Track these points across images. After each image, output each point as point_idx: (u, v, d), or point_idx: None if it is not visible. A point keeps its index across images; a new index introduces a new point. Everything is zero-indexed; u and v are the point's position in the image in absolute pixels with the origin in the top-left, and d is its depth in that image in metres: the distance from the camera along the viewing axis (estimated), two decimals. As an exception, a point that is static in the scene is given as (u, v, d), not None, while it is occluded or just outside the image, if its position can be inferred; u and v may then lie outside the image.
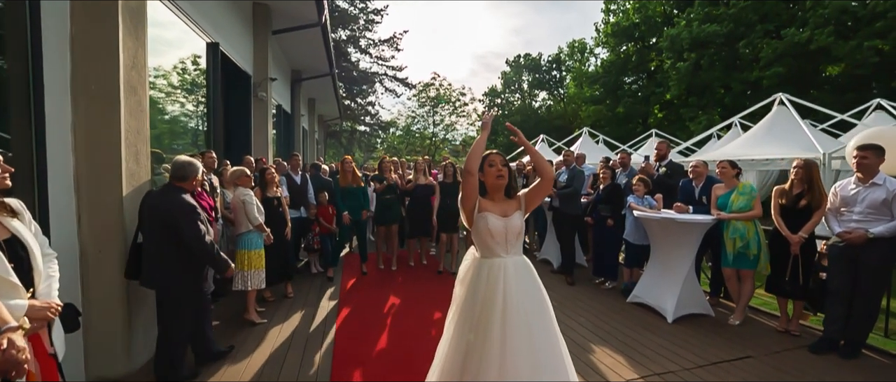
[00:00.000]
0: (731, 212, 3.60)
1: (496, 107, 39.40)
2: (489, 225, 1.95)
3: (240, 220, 3.68)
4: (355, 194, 5.26)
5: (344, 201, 5.18)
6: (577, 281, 5.04)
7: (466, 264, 2.12)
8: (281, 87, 9.26)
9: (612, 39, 25.59)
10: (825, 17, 15.12)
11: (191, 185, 2.62)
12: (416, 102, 34.75)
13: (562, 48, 36.70)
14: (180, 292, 2.56)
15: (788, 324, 3.50)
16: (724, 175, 3.73)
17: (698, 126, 18.71)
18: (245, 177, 3.80)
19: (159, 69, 3.95)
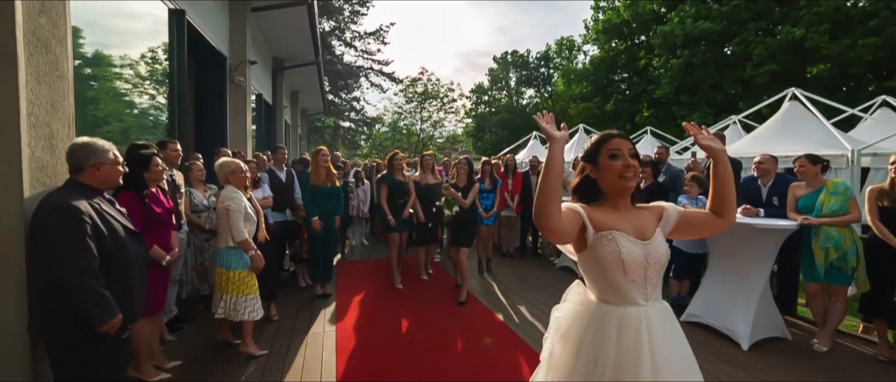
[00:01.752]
0: (821, 216, 2.98)
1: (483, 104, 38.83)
2: (622, 251, 1.20)
3: (222, 231, 2.82)
4: (329, 195, 4.38)
5: (314, 203, 4.30)
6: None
7: (570, 310, 1.39)
8: (262, 75, 8.30)
9: (602, 36, 25.31)
10: (819, 15, 15.06)
11: (97, 179, 1.78)
12: (403, 98, 33.77)
13: (550, 45, 36.40)
14: (72, 345, 1.67)
15: (892, 353, 2.92)
16: (804, 172, 3.11)
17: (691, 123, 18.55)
18: (238, 174, 2.90)
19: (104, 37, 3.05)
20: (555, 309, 1.50)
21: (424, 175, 4.93)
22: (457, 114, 36.87)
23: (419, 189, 4.83)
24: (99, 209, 1.70)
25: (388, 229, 4.65)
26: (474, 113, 38.58)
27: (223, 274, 2.77)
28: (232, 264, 2.77)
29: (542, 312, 3.93)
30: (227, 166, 2.91)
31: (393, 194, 4.56)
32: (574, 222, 1.22)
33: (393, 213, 4.58)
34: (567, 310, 1.40)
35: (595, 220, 1.25)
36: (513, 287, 4.70)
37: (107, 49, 3.15)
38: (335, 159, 6.79)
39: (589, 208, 1.29)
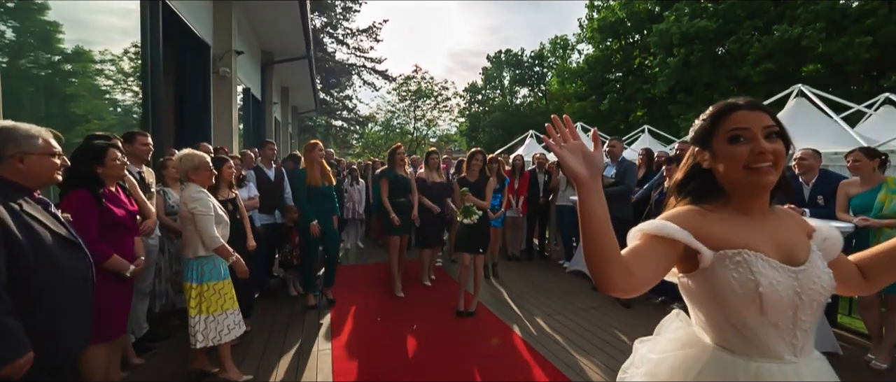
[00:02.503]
0: (882, 216, 2.66)
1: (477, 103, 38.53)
2: (760, 281, 0.82)
3: (188, 239, 2.36)
4: (326, 195, 3.95)
5: (310, 204, 3.83)
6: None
7: (673, 354, 1.00)
8: (250, 69, 7.83)
9: (597, 35, 25.15)
10: (816, 14, 15.01)
11: (20, 173, 1.36)
12: (396, 96, 33.29)
13: (544, 44, 36.25)
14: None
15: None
16: (859, 168, 2.79)
17: (687, 123, 18.44)
18: (202, 170, 2.39)
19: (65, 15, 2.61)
20: (641, 343, 1.12)
21: (429, 173, 4.55)
22: (451, 112, 36.50)
23: (425, 187, 4.45)
24: (18, 211, 1.27)
25: (389, 231, 4.24)
26: (468, 112, 38.26)
27: (194, 289, 2.33)
28: (205, 275, 2.33)
29: (561, 323, 3.57)
30: (189, 160, 2.34)
31: (394, 191, 4.16)
32: (665, 258, 0.87)
33: (393, 212, 4.19)
34: (666, 352, 1.01)
35: (710, 234, 0.87)
36: (524, 294, 4.33)
37: (69, 31, 2.70)
38: (328, 156, 6.36)
39: (699, 213, 0.91)
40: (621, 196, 4.10)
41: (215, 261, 2.36)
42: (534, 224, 6.08)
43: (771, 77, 16.68)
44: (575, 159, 0.86)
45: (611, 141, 4.32)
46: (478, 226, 3.55)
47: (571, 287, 4.57)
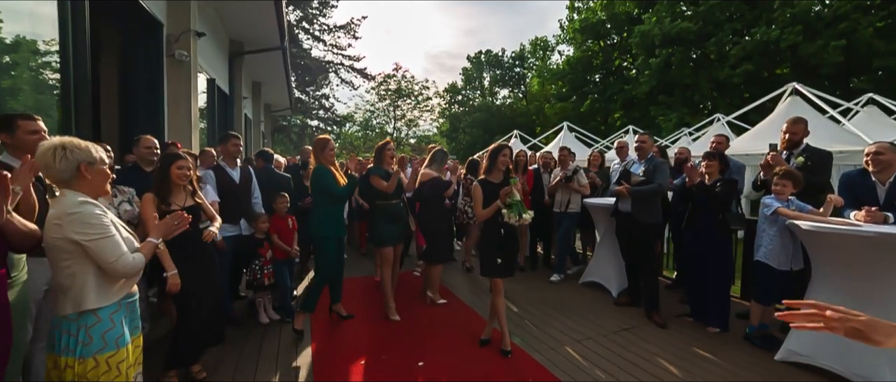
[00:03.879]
0: None
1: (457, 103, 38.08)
2: None
3: (65, 282, 1.41)
4: (343, 198, 3.38)
5: (326, 215, 3.23)
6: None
7: None
8: (216, 58, 6.93)
9: (578, 36, 25.15)
10: (794, 17, 15.30)
11: None
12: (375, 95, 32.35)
13: (524, 45, 36.22)
14: None
15: None
16: None
17: (668, 123, 18.55)
18: (95, 171, 1.47)
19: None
20: None
21: (440, 171, 3.94)
22: (432, 112, 35.86)
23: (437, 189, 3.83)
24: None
25: (381, 241, 3.54)
26: (448, 113, 37.73)
27: (70, 368, 1.38)
28: (92, 344, 1.40)
29: (594, 352, 2.98)
30: (76, 153, 1.42)
31: (383, 192, 3.46)
32: None
33: (383, 220, 3.50)
34: None
35: None
36: (541, 315, 3.73)
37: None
38: (305, 155, 5.58)
39: None
40: (653, 196, 3.58)
41: (113, 319, 1.47)
42: (539, 229, 5.51)
43: (749, 79, 16.94)
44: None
45: (641, 136, 3.79)
46: (511, 243, 2.90)
47: (592, 303, 4.01)
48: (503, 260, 2.85)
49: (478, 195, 2.88)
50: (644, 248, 3.62)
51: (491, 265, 2.89)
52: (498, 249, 2.86)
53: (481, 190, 2.88)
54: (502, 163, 2.87)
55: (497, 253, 2.85)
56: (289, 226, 3.70)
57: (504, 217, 2.69)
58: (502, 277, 2.91)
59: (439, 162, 3.97)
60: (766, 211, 2.89)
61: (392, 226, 3.53)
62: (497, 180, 2.92)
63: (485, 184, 2.90)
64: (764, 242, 2.95)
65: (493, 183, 2.90)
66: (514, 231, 2.86)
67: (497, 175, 2.94)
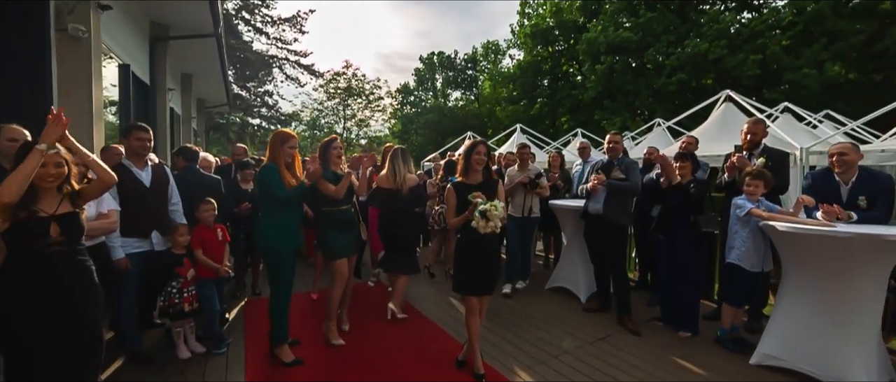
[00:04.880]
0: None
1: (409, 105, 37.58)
2: None
3: None
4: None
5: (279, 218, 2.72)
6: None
7: None
8: (131, 40, 5.92)
9: (529, 40, 25.82)
10: (719, 32, 16.76)
11: None
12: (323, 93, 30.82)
13: (477, 48, 36.64)
14: None
15: None
16: None
17: (613, 127, 19.56)
18: None
19: None
20: None
21: (394, 175, 3.53)
22: (383, 113, 34.99)
23: (389, 195, 3.41)
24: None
25: (332, 253, 3.04)
26: (400, 113, 37.10)
27: None
28: None
29: (572, 366, 2.75)
30: None
31: (331, 198, 2.95)
32: None
33: (332, 228, 3.01)
34: None
35: None
36: (513, 327, 3.44)
37: None
38: (238, 154, 4.85)
39: None
40: (629, 192, 3.45)
41: None
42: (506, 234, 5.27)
43: (682, 87, 18.32)
44: None
45: (612, 135, 3.65)
46: (492, 252, 2.53)
47: (562, 312, 3.80)
48: (481, 276, 2.51)
49: (451, 200, 2.52)
50: (616, 251, 3.48)
51: (465, 281, 2.54)
52: (474, 263, 2.50)
53: (455, 194, 2.52)
54: (477, 162, 2.52)
55: (473, 267, 2.51)
56: (217, 238, 3.08)
57: (473, 224, 2.32)
58: (479, 295, 2.57)
59: (405, 162, 3.58)
60: (739, 212, 2.83)
61: (343, 235, 3.04)
62: (474, 182, 2.57)
63: (460, 187, 2.54)
64: (736, 244, 2.90)
65: (470, 185, 2.55)
66: (495, 242, 2.51)
67: (474, 176, 2.58)
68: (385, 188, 3.59)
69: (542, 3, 26.78)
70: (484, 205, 2.29)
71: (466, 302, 2.60)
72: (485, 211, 2.28)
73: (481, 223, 2.29)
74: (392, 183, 3.54)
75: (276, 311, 2.75)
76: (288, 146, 2.70)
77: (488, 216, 2.28)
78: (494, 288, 2.62)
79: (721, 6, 20.22)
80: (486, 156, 2.53)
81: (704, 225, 2.98)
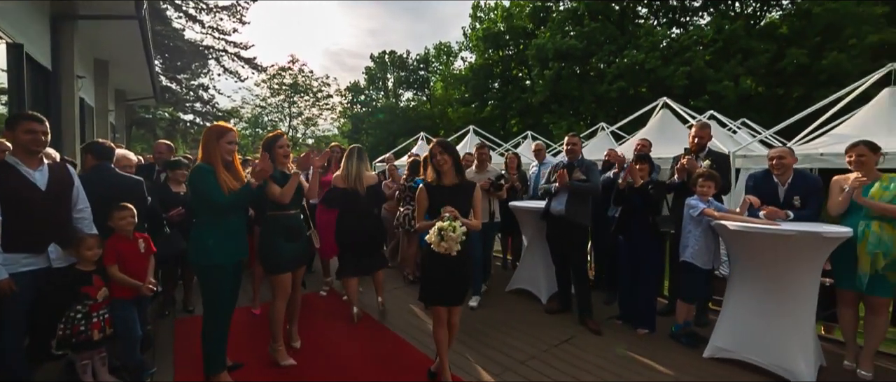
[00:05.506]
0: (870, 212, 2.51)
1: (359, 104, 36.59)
2: None
3: None
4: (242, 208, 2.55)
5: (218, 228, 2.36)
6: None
7: None
8: (24, 16, 5.00)
9: (481, 43, 26.25)
10: (653, 44, 18.17)
11: None
12: (267, 89, 28.91)
13: (429, 49, 36.59)
14: None
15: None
16: (864, 162, 2.62)
17: (560, 130, 20.45)
18: None
19: None
20: None
21: (348, 174, 3.28)
22: (332, 111, 33.66)
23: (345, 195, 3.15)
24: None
25: (275, 266, 2.67)
26: (350, 112, 35.99)
27: None
28: None
29: (540, 371, 2.68)
30: None
31: (277, 201, 2.61)
32: None
33: (278, 236, 2.68)
34: None
35: None
36: (477, 333, 3.32)
37: None
38: (161, 151, 4.22)
39: None
40: (591, 193, 3.47)
41: None
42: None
43: (621, 94, 19.62)
44: None
45: (571, 137, 3.67)
46: (460, 261, 2.30)
47: (525, 315, 3.74)
48: (448, 286, 2.33)
49: (422, 202, 2.33)
50: (578, 251, 3.50)
51: (431, 291, 2.36)
52: (440, 272, 2.32)
53: (427, 195, 2.32)
54: (445, 162, 2.34)
55: (439, 276, 2.33)
56: (139, 250, 2.61)
57: (426, 237, 2.12)
58: (446, 305, 2.39)
59: (361, 161, 3.37)
60: (693, 212, 2.95)
61: (289, 245, 2.70)
62: (447, 182, 2.38)
63: (432, 189, 2.35)
64: (690, 243, 3.01)
65: (444, 187, 2.35)
66: (463, 248, 2.36)
67: (447, 175, 2.38)
68: (341, 188, 3.34)
69: (493, 8, 27.36)
70: (445, 223, 2.12)
71: (433, 312, 2.42)
72: (442, 230, 2.09)
73: (434, 240, 2.10)
74: (348, 182, 3.33)
75: (210, 338, 2.38)
76: (225, 141, 2.34)
77: (444, 236, 2.09)
78: (463, 298, 2.45)
79: (654, 22, 21.99)
80: (452, 158, 2.36)
81: (662, 226, 3.08)
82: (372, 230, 3.48)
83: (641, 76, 18.80)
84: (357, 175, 3.36)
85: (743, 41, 17.32)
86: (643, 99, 19.72)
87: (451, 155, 2.36)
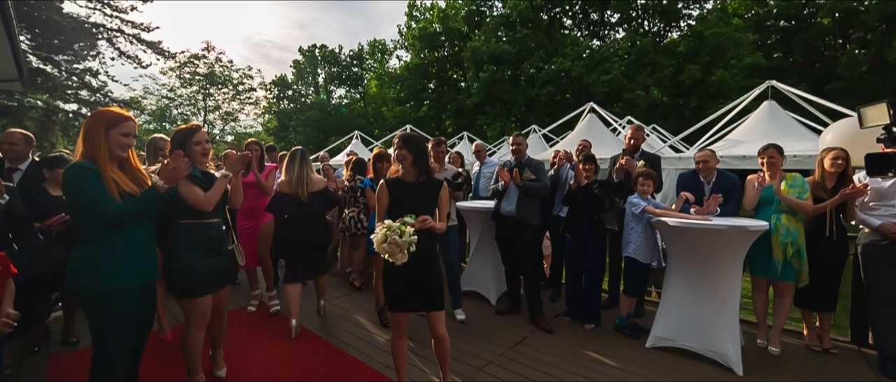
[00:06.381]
0: (779, 206, 2.84)
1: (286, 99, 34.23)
2: None
3: None
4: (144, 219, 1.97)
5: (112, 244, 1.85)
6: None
7: None
8: None
9: (418, 43, 26.10)
10: (578, 53, 19.59)
11: None
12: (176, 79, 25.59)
13: (363, 45, 35.50)
14: None
15: (822, 341, 3.01)
16: (774, 163, 2.95)
17: (494, 132, 21.12)
18: None
19: None
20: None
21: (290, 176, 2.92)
22: (256, 106, 31.01)
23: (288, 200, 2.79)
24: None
25: (189, 289, 2.18)
26: (276, 108, 33.53)
27: None
28: None
29: (498, 377, 2.59)
30: None
31: (185, 207, 2.15)
32: None
33: (193, 251, 2.20)
34: None
35: None
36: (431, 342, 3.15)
37: None
38: (14, 143, 3.27)
39: None
40: (541, 192, 3.48)
41: None
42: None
43: (550, 99, 20.86)
44: None
45: (516, 136, 3.67)
46: (426, 266, 2.08)
47: (476, 318, 3.63)
48: (413, 288, 2.12)
49: (383, 199, 2.08)
50: (530, 251, 3.50)
51: (394, 294, 2.14)
52: (401, 272, 2.07)
53: (387, 192, 2.10)
54: (406, 159, 2.11)
55: (401, 277, 2.10)
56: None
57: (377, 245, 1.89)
58: (408, 312, 2.18)
59: (304, 163, 3.10)
60: (635, 209, 3.10)
61: (210, 261, 2.24)
62: (412, 180, 2.15)
63: (394, 185, 2.13)
64: (632, 239, 3.16)
65: (407, 184, 2.14)
66: (430, 250, 2.15)
67: (408, 171, 2.16)
68: (285, 194, 3.03)
69: (429, 8, 27.37)
70: (395, 224, 1.91)
71: (393, 320, 2.20)
72: (389, 231, 1.87)
73: (378, 240, 1.87)
74: (291, 188, 3.09)
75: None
76: (119, 133, 1.84)
77: (387, 238, 1.86)
78: (438, 301, 2.19)
79: (578, 33, 23.75)
80: (414, 155, 2.13)
81: (608, 223, 3.19)
82: (317, 235, 3.26)
83: (567, 83, 20.17)
84: (299, 179, 3.14)
85: (651, 56, 19.45)
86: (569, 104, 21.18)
87: (413, 151, 2.14)
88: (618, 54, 20.03)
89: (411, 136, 2.20)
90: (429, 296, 2.15)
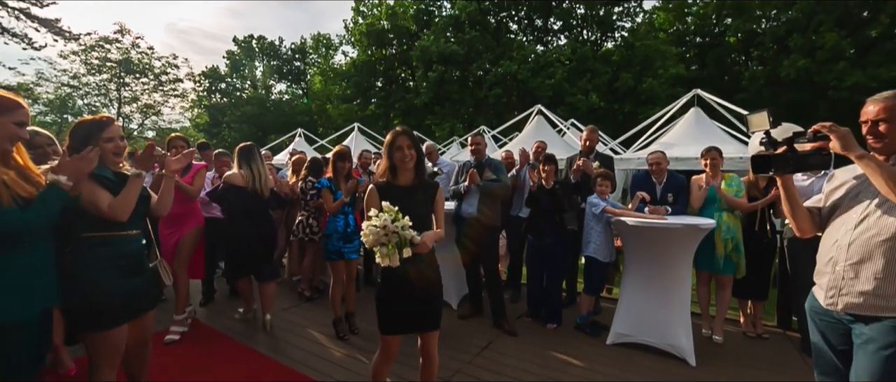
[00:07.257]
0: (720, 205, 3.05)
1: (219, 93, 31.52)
2: None
3: None
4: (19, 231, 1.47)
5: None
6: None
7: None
8: None
9: (365, 39, 25.36)
10: (524, 57, 20.24)
11: None
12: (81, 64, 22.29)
13: (306, 39, 33.72)
14: None
15: (755, 327, 3.28)
16: (717, 165, 3.15)
17: (443, 132, 21.16)
18: None
19: None
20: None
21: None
22: (183, 99, 28.13)
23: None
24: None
25: (96, 319, 1.71)
26: (207, 102, 30.70)
27: None
28: None
29: (484, 380, 2.48)
30: None
31: (104, 218, 1.73)
32: None
33: (103, 269, 1.76)
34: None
35: None
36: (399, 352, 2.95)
37: None
38: None
39: None
40: (502, 192, 3.43)
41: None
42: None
43: (498, 101, 21.36)
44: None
45: (475, 136, 3.61)
46: (426, 282, 1.88)
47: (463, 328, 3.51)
48: (413, 307, 1.90)
49: (374, 204, 1.80)
50: (491, 253, 3.44)
51: (388, 314, 1.90)
52: (400, 289, 1.86)
53: (379, 197, 1.84)
54: (403, 158, 1.85)
55: (401, 294, 1.88)
56: None
57: (378, 257, 1.67)
58: (406, 333, 1.95)
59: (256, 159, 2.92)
60: (595, 209, 3.16)
61: (126, 282, 1.81)
62: (405, 183, 1.92)
63: (386, 189, 1.88)
64: (592, 238, 3.23)
65: (401, 187, 1.91)
66: (430, 266, 1.94)
67: (405, 176, 1.91)
68: (238, 186, 2.92)
69: (377, 4, 26.70)
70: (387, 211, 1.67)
71: (383, 342, 1.97)
72: (385, 227, 1.63)
73: (369, 233, 1.64)
74: (248, 183, 2.98)
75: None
76: (11, 121, 1.45)
77: (386, 230, 1.62)
78: (437, 321, 1.98)
79: (523, 38, 24.56)
80: (413, 149, 1.88)
81: (569, 223, 3.23)
82: (268, 232, 3.16)
83: (514, 85, 20.78)
84: (260, 175, 3.06)
85: (590, 63, 20.67)
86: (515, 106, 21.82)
87: (419, 150, 1.91)
88: (560, 60, 21.03)
89: (412, 132, 1.96)
90: (430, 315, 1.95)
